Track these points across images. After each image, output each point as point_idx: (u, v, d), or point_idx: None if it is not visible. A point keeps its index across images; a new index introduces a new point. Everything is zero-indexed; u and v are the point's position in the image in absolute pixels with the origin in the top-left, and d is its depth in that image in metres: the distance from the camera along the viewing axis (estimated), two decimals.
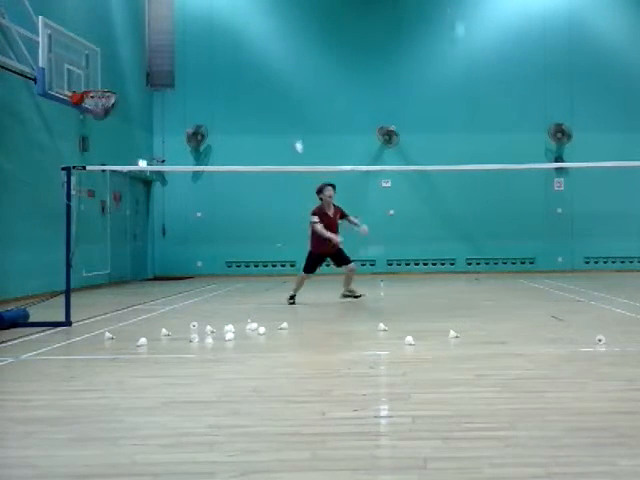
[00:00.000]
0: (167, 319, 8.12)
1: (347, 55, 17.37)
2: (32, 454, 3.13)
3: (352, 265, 9.90)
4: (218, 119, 17.22)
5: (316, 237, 9.63)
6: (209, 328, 6.68)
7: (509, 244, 17.09)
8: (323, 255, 9.86)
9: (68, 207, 7.54)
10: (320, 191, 9.75)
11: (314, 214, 9.65)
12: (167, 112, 17.44)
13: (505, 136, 16.86)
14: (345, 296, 10.05)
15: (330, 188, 9.74)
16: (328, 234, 9.47)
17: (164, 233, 17.35)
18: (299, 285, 9.99)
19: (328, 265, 10.18)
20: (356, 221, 9.93)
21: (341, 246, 9.66)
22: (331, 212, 9.77)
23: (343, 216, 9.93)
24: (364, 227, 9.77)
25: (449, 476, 2.77)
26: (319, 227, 9.49)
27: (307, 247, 17.80)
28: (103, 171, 13.07)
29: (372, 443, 3.20)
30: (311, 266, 9.89)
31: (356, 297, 9.99)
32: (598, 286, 12.18)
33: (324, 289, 13.02)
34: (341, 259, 9.83)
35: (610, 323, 7.26)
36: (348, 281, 10.03)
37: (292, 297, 9.84)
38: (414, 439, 3.24)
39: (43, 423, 3.61)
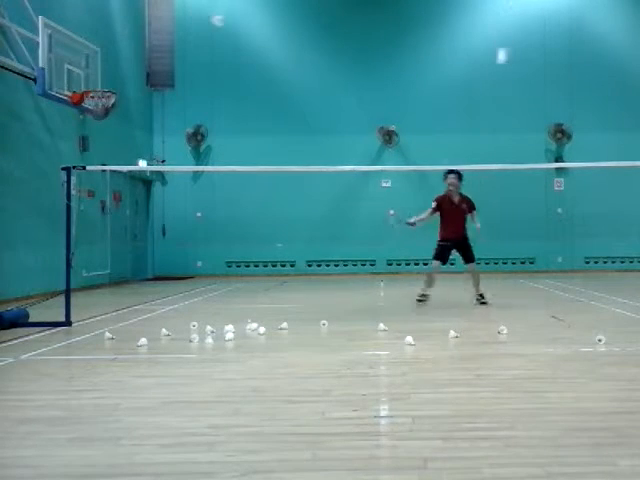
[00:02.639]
0: (167, 319, 8.12)
1: (347, 55, 17.37)
2: (32, 454, 3.13)
3: (472, 265, 9.43)
4: (218, 119, 17.22)
5: (441, 225, 9.37)
6: (209, 328, 6.68)
7: (509, 244, 17.09)
8: (450, 243, 9.37)
9: (68, 207, 7.54)
10: (445, 178, 9.40)
11: (435, 200, 9.37)
12: (167, 112, 17.44)
13: (505, 136, 16.86)
14: (478, 300, 9.28)
15: (452, 176, 9.27)
16: (415, 218, 9.39)
17: (164, 233, 17.35)
18: (431, 279, 9.39)
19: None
20: (476, 220, 9.47)
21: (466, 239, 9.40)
22: (456, 200, 9.32)
23: (472, 209, 9.40)
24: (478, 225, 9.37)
25: (449, 476, 2.77)
26: (426, 212, 9.34)
27: (305, 246, 17.76)
28: (103, 171, 13.06)
29: (372, 443, 3.20)
30: (440, 254, 9.35)
31: (482, 303, 9.21)
32: (598, 286, 12.18)
33: (325, 289, 13.03)
34: (465, 255, 9.47)
35: (610, 323, 7.26)
36: (475, 283, 9.39)
37: (423, 296, 9.30)
38: (414, 439, 3.24)
39: (43, 423, 3.61)
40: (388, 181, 17.26)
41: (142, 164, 15.71)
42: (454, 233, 9.34)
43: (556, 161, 16.77)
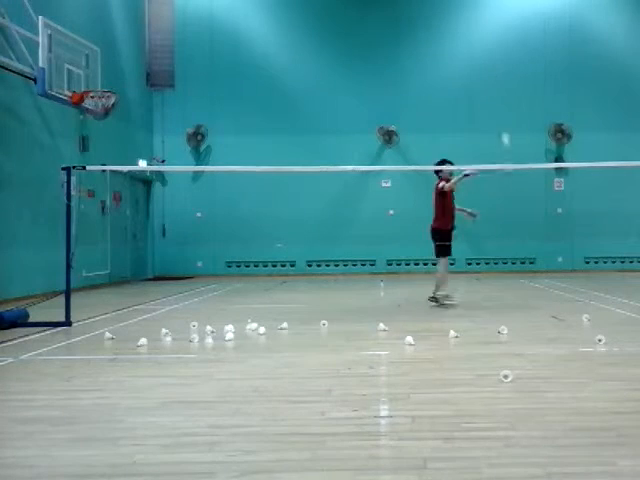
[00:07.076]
0: (167, 319, 8.12)
1: (347, 55, 17.37)
2: (32, 454, 3.13)
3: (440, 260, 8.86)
4: (218, 119, 17.22)
5: (446, 212, 8.86)
6: (209, 328, 6.67)
7: (509, 244, 17.10)
8: (451, 232, 8.85)
9: (68, 207, 7.54)
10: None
11: (443, 180, 8.78)
12: (167, 112, 17.44)
13: None
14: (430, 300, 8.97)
15: (448, 165, 8.95)
16: (463, 175, 8.63)
17: (164, 233, 17.35)
18: (444, 278, 8.85)
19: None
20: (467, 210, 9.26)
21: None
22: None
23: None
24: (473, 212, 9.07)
25: (449, 476, 2.77)
26: (452, 181, 8.66)
27: (305, 246, 17.69)
28: (103, 171, 13.06)
29: (372, 443, 3.20)
30: (448, 246, 8.84)
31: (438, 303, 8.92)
32: (598, 286, 12.18)
33: (325, 289, 13.03)
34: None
35: (610, 323, 7.26)
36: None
37: (442, 297, 8.82)
38: (414, 439, 3.24)
39: (43, 423, 3.61)
40: (388, 181, 17.26)
41: (142, 164, 15.72)
42: (452, 223, 9.08)
43: (556, 161, 16.76)
